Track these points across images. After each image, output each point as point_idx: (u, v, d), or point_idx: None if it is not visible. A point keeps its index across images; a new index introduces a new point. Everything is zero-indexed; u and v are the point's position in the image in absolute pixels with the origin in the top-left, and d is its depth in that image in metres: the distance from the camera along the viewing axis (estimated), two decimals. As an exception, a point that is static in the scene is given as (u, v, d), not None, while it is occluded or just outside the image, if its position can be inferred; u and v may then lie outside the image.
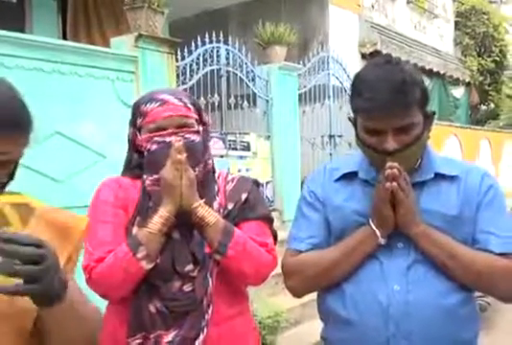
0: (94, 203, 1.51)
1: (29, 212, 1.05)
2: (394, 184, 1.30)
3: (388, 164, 1.30)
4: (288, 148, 6.00)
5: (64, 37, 5.92)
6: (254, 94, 5.82)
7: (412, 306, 1.31)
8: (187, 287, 1.40)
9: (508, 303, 1.41)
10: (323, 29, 7.85)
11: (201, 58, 5.20)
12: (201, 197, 1.44)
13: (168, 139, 1.45)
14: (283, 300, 4.02)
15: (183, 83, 4.96)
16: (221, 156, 5.34)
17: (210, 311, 1.41)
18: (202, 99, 5.17)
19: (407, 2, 9.95)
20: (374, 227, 1.35)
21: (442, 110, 11.01)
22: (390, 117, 1.27)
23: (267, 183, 5.93)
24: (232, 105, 5.56)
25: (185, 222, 1.43)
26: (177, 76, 4.87)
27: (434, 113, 1.39)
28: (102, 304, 1.38)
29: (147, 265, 1.37)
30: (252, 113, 5.81)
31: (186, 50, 5.02)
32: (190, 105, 1.51)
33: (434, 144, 9.14)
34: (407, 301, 1.32)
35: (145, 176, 1.51)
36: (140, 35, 4.33)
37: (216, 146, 5.30)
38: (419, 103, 1.31)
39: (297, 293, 1.49)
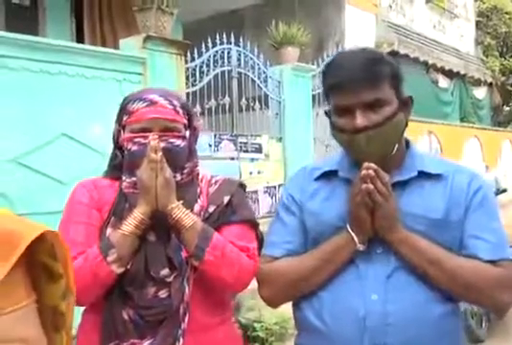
0: (68, 204, 1.46)
1: None
2: (370, 186, 1.21)
3: (365, 164, 1.21)
4: (300, 150, 5.92)
5: (78, 40, 5.94)
6: (266, 95, 5.76)
7: (391, 317, 1.21)
8: (162, 294, 1.33)
9: (500, 315, 1.30)
10: (339, 29, 7.76)
11: (212, 60, 5.15)
12: (180, 199, 1.38)
13: (149, 140, 1.38)
14: (290, 306, 3.93)
15: (193, 85, 4.92)
16: (232, 159, 5.28)
17: (187, 320, 1.34)
18: (213, 100, 5.13)
19: (426, 2, 9.79)
20: (352, 232, 1.26)
21: (463, 111, 10.81)
22: (357, 90, 1.22)
23: (280, 186, 5.85)
24: (244, 107, 5.50)
25: (162, 225, 1.36)
26: (187, 77, 4.83)
27: (411, 98, 1.32)
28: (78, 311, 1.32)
29: (117, 269, 1.31)
30: (264, 115, 5.74)
31: (196, 51, 4.98)
32: (179, 109, 1.45)
33: (454, 145, 8.97)
34: (384, 312, 1.22)
35: (123, 178, 1.45)
36: (148, 37, 4.31)
37: (226, 148, 5.25)
38: (389, 82, 1.26)
39: (272, 303, 1.40)
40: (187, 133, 1.47)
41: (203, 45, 5.07)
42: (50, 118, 3.67)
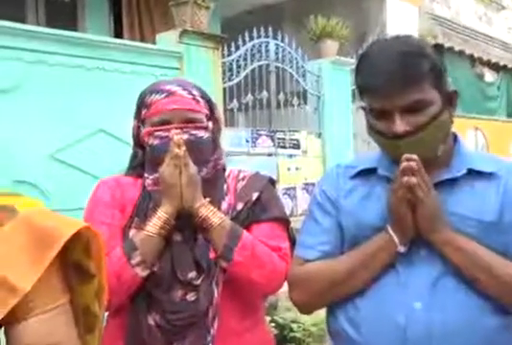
0: (90, 202, 1.40)
1: (9, 214, 0.95)
2: (413, 179, 1.09)
3: (405, 155, 1.10)
4: (340, 146, 5.77)
5: (116, 35, 5.95)
6: (305, 90, 5.64)
7: (436, 328, 1.09)
8: (190, 297, 1.26)
9: None
10: (381, 22, 7.55)
11: (249, 54, 5.06)
12: (206, 196, 1.30)
13: (171, 134, 1.31)
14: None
15: (230, 79, 4.85)
16: (270, 155, 5.19)
17: (216, 325, 1.27)
18: (250, 95, 5.05)
19: (472, -7, 9.45)
20: (392, 232, 1.15)
21: (511, 106, 10.41)
22: (394, 93, 1.10)
23: (319, 182, 5.73)
24: (281, 102, 5.39)
25: (188, 225, 1.29)
26: (224, 72, 4.76)
27: (456, 92, 1.19)
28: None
29: (142, 272, 1.24)
30: (303, 110, 5.62)
31: (233, 45, 4.91)
32: (199, 98, 1.38)
33: (501, 142, 8.63)
34: (429, 322, 1.10)
35: (146, 175, 1.39)
36: (184, 31, 4.26)
37: (264, 144, 5.17)
38: (430, 78, 1.12)
39: (303, 308, 1.30)
40: (210, 124, 1.39)
41: (240, 39, 4.99)
42: (88, 113, 3.67)
